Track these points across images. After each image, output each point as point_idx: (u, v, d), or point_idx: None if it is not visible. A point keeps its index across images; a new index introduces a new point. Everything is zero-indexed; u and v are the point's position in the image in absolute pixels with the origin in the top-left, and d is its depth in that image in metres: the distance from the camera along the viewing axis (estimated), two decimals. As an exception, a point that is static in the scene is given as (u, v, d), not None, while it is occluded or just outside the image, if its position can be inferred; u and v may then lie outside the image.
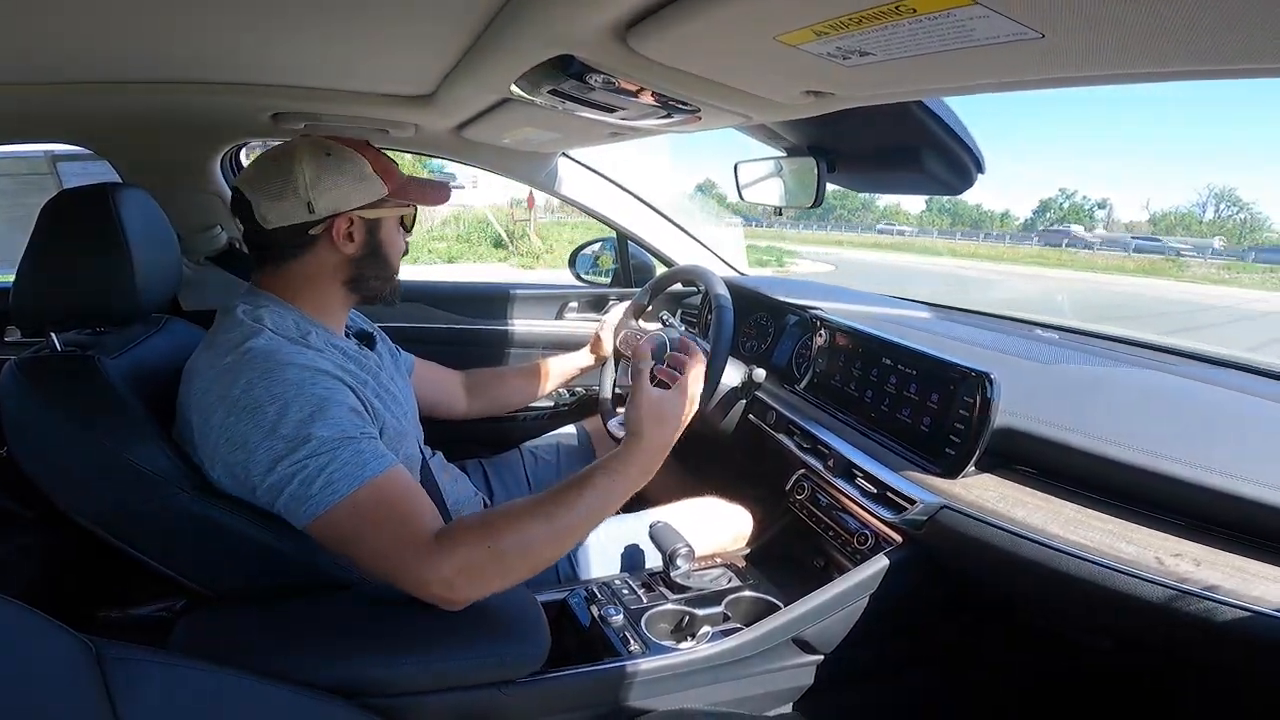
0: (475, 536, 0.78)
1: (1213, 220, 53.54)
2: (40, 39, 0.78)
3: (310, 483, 0.76)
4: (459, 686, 0.82)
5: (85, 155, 1.43)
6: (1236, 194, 54.61)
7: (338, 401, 0.82)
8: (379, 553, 0.78)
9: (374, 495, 0.78)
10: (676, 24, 0.59)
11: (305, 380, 0.81)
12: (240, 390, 0.79)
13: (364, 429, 0.83)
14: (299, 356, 0.83)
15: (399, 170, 0.98)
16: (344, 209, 0.91)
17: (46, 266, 0.87)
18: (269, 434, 0.77)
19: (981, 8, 0.47)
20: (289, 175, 0.88)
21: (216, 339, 0.86)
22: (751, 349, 1.60)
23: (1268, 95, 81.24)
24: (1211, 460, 0.78)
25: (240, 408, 0.78)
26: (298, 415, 0.78)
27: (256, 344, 0.83)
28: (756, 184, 1.52)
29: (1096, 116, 66.88)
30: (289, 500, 0.77)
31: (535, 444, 1.52)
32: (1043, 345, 1.24)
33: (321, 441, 0.77)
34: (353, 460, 0.78)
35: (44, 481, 0.85)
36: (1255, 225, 51.96)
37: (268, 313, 0.89)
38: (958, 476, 0.96)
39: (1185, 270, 23.20)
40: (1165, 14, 0.44)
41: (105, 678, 0.49)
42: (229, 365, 0.81)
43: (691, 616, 1.05)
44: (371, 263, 0.97)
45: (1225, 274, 22.92)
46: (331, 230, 0.92)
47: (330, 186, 0.90)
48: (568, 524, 0.81)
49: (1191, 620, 0.72)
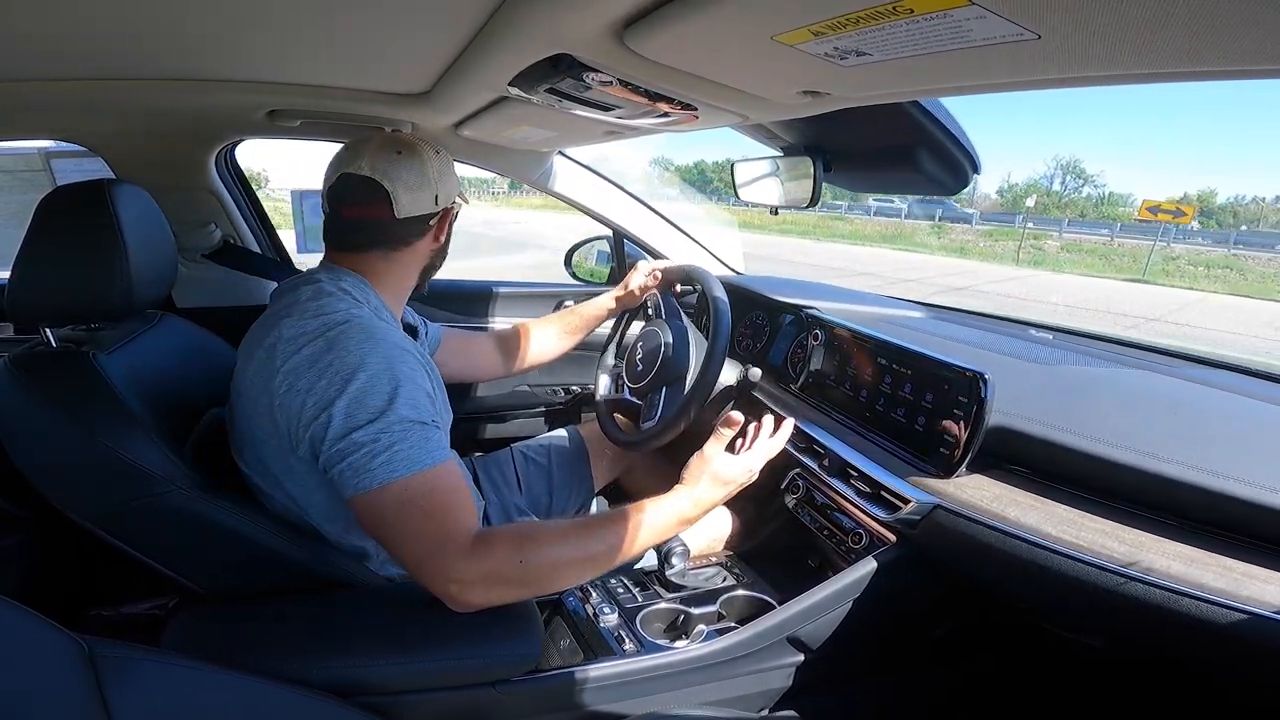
0: (510, 547, 0.79)
1: (1058, 191, 53.26)
2: (33, 34, 0.77)
3: (376, 455, 0.77)
4: (453, 685, 0.82)
5: (79, 152, 1.42)
6: (1081, 166, 54.44)
7: (418, 384, 0.84)
8: (415, 540, 0.78)
9: (428, 483, 0.79)
10: (673, 23, 0.59)
11: (395, 357, 0.83)
12: (334, 355, 0.80)
13: (435, 416, 0.84)
14: (392, 334, 0.86)
15: None
16: (452, 200, 1.00)
17: (41, 262, 0.87)
18: (354, 402, 0.78)
19: (978, 8, 0.47)
20: (423, 168, 0.94)
21: (301, 305, 0.87)
22: (747, 348, 1.60)
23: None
24: (1204, 461, 0.79)
25: (331, 373, 0.79)
26: (384, 389, 0.80)
27: (356, 314, 0.86)
28: (753, 183, 1.52)
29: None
30: (348, 468, 0.78)
31: (527, 445, 1.51)
32: (1036, 346, 1.25)
33: (399, 420, 0.79)
34: (420, 445, 0.79)
35: (37, 478, 0.84)
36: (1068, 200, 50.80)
37: (358, 290, 0.92)
38: (952, 476, 0.97)
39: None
40: (1162, 15, 0.44)
41: (98, 676, 0.49)
42: (322, 330, 0.83)
43: (686, 615, 1.05)
44: (443, 252, 1.06)
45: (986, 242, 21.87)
46: (444, 220, 1.00)
47: (448, 179, 0.98)
48: (597, 553, 0.84)
49: (1183, 620, 0.72)
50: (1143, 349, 1.32)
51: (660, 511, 0.90)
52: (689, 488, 0.94)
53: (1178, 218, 20.22)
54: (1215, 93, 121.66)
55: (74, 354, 0.86)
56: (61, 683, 0.48)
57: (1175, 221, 20.34)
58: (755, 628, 0.98)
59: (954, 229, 24.90)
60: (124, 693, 0.50)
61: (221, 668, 0.62)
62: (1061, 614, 0.96)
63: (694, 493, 0.93)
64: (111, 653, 0.52)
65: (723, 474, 0.94)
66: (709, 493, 0.94)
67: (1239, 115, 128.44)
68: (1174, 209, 20.36)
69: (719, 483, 0.94)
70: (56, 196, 0.88)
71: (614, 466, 1.53)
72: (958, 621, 1.14)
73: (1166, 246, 20.10)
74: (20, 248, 0.85)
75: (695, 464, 0.96)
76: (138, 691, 0.52)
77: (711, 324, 1.19)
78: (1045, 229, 24.59)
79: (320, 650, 0.78)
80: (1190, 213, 22.68)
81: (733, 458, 0.96)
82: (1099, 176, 60.02)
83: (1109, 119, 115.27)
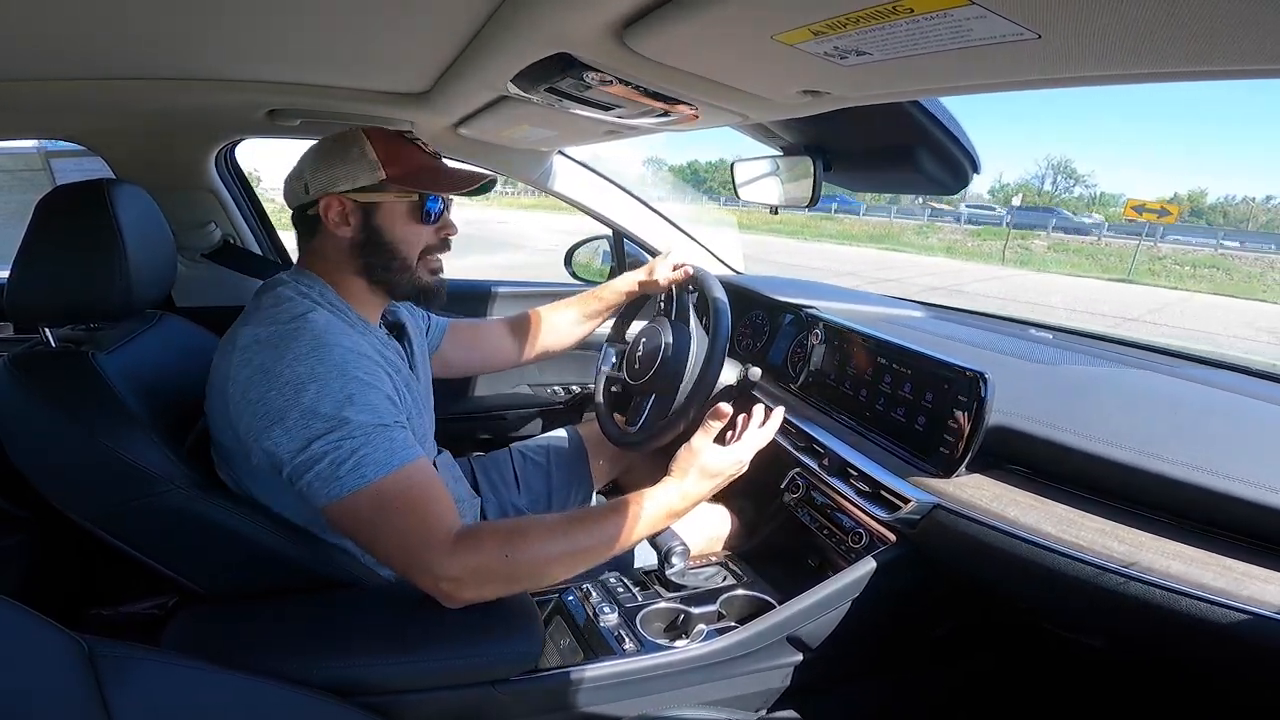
0: (495, 543, 0.79)
1: (1049, 191, 52.91)
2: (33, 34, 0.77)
3: (340, 464, 0.77)
4: (453, 685, 0.82)
5: (79, 152, 1.42)
6: (1073, 166, 54.31)
7: (376, 387, 0.83)
8: (396, 541, 0.78)
9: (400, 484, 0.79)
10: (673, 23, 0.59)
11: (349, 362, 0.81)
12: (284, 365, 0.79)
13: (397, 417, 0.83)
14: (345, 338, 0.84)
15: (425, 161, 0.96)
16: (331, 190, 0.91)
17: (41, 262, 0.87)
18: (307, 412, 0.77)
19: (978, 8, 0.47)
20: (303, 157, 0.93)
21: (261, 312, 0.86)
22: (747, 347, 1.60)
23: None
24: (1204, 461, 0.79)
25: (282, 382, 0.78)
26: (337, 396, 0.79)
27: (310, 319, 0.84)
28: (753, 183, 1.52)
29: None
30: (315, 479, 0.77)
31: (526, 445, 1.51)
32: (1036, 345, 1.25)
33: (358, 425, 0.78)
34: (385, 447, 0.79)
35: (37, 478, 0.84)
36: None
37: (315, 290, 0.91)
38: (952, 476, 0.97)
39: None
40: (1162, 16, 0.44)
41: (98, 675, 0.49)
42: (273, 338, 0.82)
43: (686, 615, 1.05)
44: (374, 251, 0.94)
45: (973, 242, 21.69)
46: (323, 212, 0.91)
47: (322, 168, 0.91)
48: (585, 547, 0.83)
49: (1182, 620, 0.72)
50: (1144, 349, 1.32)
51: (648, 505, 0.89)
52: (677, 480, 0.93)
53: (1162, 217, 20.20)
54: (1204, 92, 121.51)
55: (73, 354, 0.86)
56: (61, 682, 0.48)
57: (1160, 221, 20.32)
58: (755, 627, 0.98)
59: (942, 228, 24.90)
60: (124, 692, 0.50)
61: (221, 667, 0.62)
62: (1061, 614, 0.96)
63: (682, 485, 0.92)
64: (111, 652, 0.52)
65: (711, 466, 0.93)
66: (696, 485, 0.93)
67: (1229, 116, 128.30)
68: (1159, 209, 20.35)
69: (706, 475, 0.93)
70: (55, 197, 0.88)
71: (613, 466, 1.52)
72: (958, 621, 1.14)
73: (1153, 246, 20.08)
74: (19, 248, 0.85)
75: (683, 456, 0.94)
76: (138, 691, 0.52)
77: (711, 325, 1.19)
78: (1034, 228, 24.37)
79: (320, 650, 0.78)
80: (1175, 212, 22.61)
81: (721, 449, 0.94)
82: (1090, 176, 60.06)
83: (1102, 119, 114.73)
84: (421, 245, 0.97)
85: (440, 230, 0.99)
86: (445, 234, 1.00)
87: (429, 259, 0.99)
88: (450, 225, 1.00)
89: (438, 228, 0.99)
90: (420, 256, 0.97)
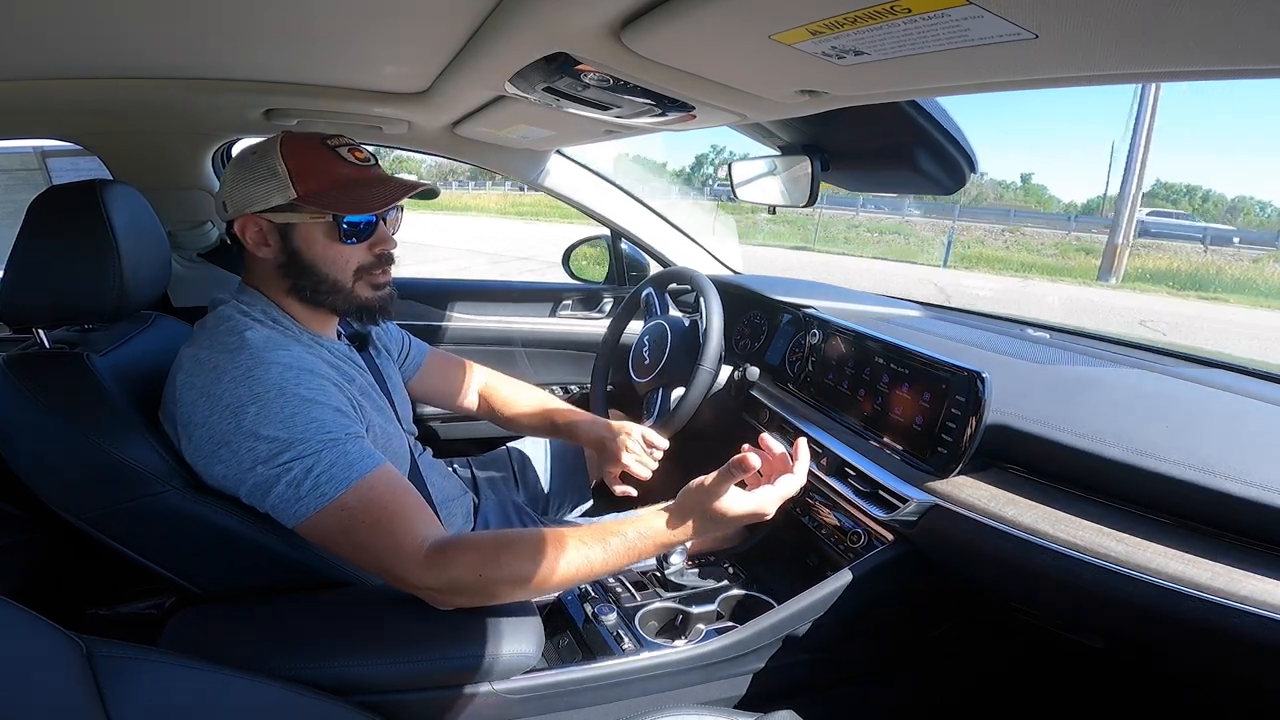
0: (470, 560, 0.77)
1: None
2: (29, 34, 0.77)
3: (298, 485, 0.76)
4: (453, 685, 0.81)
5: (75, 151, 1.42)
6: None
7: (321, 402, 0.81)
8: (368, 554, 0.78)
9: (362, 496, 0.78)
10: (671, 22, 0.59)
11: (288, 381, 0.80)
12: (223, 388, 0.78)
13: (349, 429, 0.82)
14: (283, 355, 0.82)
15: (345, 173, 0.88)
16: (246, 210, 0.86)
17: (34, 263, 0.87)
18: (250, 435, 0.76)
19: (975, 8, 0.47)
20: (225, 171, 0.89)
21: (204, 333, 0.85)
22: (745, 347, 1.60)
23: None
24: (1201, 460, 0.79)
25: (222, 406, 0.77)
26: (279, 416, 0.77)
27: (246, 337, 0.82)
28: (751, 183, 1.52)
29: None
30: (277, 501, 0.77)
31: (524, 444, 1.51)
32: (1033, 345, 1.25)
33: (306, 444, 0.77)
34: (339, 462, 0.78)
35: (32, 479, 0.84)
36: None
37: (257, 307, 0.89)
38: (950, 475, 0.97)
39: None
40: (1159, 14, 0.44)
41: (96, 676, 0.49)
42: (212, 360, 0.80)
43: (685, 615, 1.05)
44: (299, 273, 0.88)
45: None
46: (240, 233, 0.88)
47: (239, 186, 0.86)
48: (565, 574, 0.79)
49: (1180, 619, 0.72)
50: (1140, 348, 1.32)
51: (639, 534, 0.82)
52: (677, 518, 0.82)
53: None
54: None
55: (68, 355, 0.85)
56: (60, 682, 0.47)
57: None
58: (754, 627, 0.98)
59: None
60: (122, 692, 0.50)
61: (220, 667, 0.62)
62: (1059, 614, 0.96)
63: (682, 524, 0.82)
64: (110, 652, 0.51)
65: (721, 511, 0.81)
66: (697, 527, 0.82)
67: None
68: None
69: (710, 519, 0.82)
70: (47, 197, 0.88)
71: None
72: (957, 621, 1.15)
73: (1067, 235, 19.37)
74: (13, 248, 0.85)
75: (694, 493, 0.82)
76: (136, 691, 0.52)
77: (705, 334, 1.20)
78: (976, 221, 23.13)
79: (319, 650, 0.78)
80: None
81: (741, 494, 0.82)
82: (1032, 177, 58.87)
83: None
84: (353, 265, 0.90)
85: (374, 247, 0.91)
86: (381, 250, 0.92)
87: (368, 276, 0.92)
88: (386, 240, 0.92)
89: (370, 244, 0.91)
90: (357, 275, 0.91)
